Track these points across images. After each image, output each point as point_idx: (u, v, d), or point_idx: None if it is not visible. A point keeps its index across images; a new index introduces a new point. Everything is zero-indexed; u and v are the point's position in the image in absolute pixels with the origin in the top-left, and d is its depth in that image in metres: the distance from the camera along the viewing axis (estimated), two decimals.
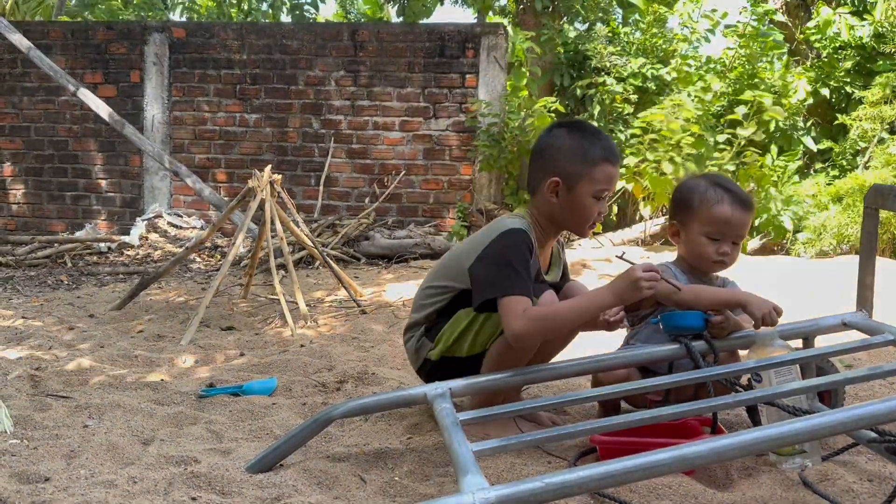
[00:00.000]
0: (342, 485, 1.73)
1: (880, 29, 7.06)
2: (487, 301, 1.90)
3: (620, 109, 6.84)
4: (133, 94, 6.96)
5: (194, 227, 6.68)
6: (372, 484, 1.74)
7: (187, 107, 6.93)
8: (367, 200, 6.74)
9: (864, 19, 7.16)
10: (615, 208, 6.89)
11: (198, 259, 5.93)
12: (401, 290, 4.50)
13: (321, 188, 6.74)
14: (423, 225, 6.61)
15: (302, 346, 3.16)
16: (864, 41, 6.93)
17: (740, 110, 6.32)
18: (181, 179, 5.84)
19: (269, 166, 4.02)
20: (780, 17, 7.75)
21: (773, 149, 6.48)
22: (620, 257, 2.09)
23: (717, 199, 2.06)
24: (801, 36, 7.72)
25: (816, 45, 7.46)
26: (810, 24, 7.50)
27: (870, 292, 1.99)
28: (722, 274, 2.20)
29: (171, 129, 6.95)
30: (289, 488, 1.69)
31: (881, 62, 7.07)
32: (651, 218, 6.29)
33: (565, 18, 7.90)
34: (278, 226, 3.81)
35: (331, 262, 4.03)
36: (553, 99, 6.41)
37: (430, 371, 2.08)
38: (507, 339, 1.90)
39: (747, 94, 6.32)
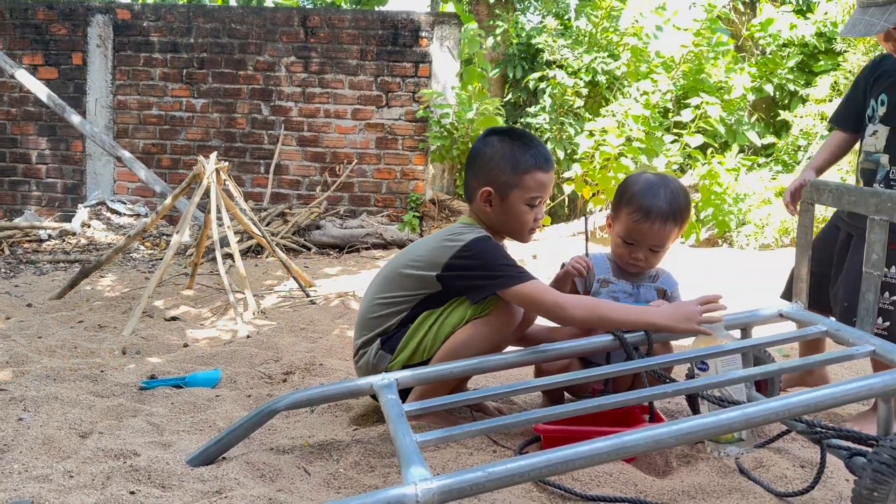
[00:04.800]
0: (286, 477, 1.72)
1: (822, 28, 7.27)
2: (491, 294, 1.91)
3: (571, 102, 6.90)
4: (75, 77, 6.75)
5: (138, 215, 6.52)
6: (316, 476, 1.73)
7: (132, 91, 6.75)
8: (318, 189, 6.67)
9: (807, 18, 7.36)
10: (566, 200, 6.96)
11: (142, 247, 5.79)
12: (352, 280, 4.47)
13: (271, 176, 6.65)
14: (376, 214, 6.58)
15: (248, 336, 3.12)
16: (806, 40, 7.13)
17: (686, 113, 6.46)
18: (125, 165, 5.69)
19: (216, 153, 3.95)
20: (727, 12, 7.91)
21: (734, 148, 6.63)
22: (586, 219, 2.19)
23: (639, 209, 2.04)
24: (747, 33, 7.90)
25: (761, 42, 7.65)
26: (755, 21, 7.67)
27: (805, 284, 2.05)
28: (660, 265, 2.23)
29: (114, 114, 6.76)
30: (231, 481, 1.67)
31: (822, 61, 7.28)
32: (601, 210, 6.38)
33: (518, 10, 7.92)
34: (224, 214, 3.75)
35: (279, 251, 3.97)
36: (500, 101, 6.43)
37: None
38: (479, 326, 1.92)
39: (693, 100, 6.45)
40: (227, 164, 3.83)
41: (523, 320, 2.07)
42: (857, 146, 2.25)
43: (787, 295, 2.28)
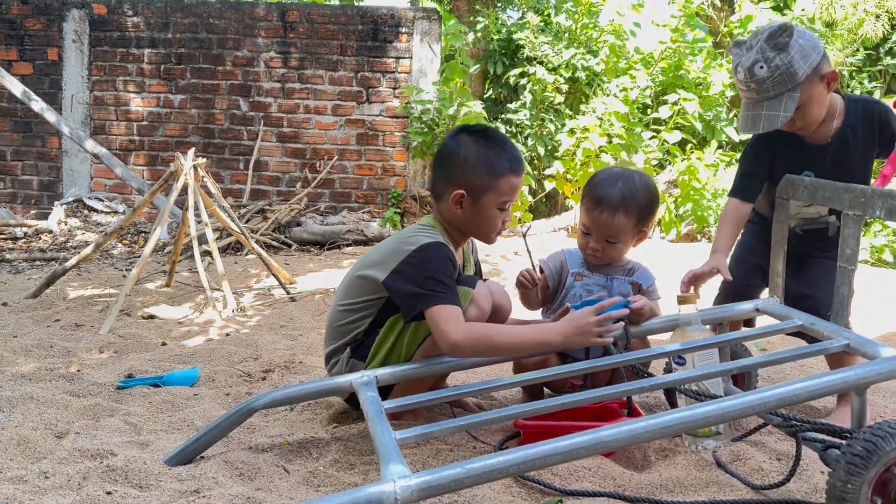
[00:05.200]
0: (264, 476, 1.71)
1: (800, 25, 7.34)
2: (418, 315, 1.86)
3: (552, 98, 6.92)
4: (51, 73, 6.66)
5: (116, 212, 6.45)
6: (295, 474, 1.72)
7: (108, 86, 6.67)
8: (298, 185, 6.64)
9: (785, 14, 7.43)
10: (545, 198, 6.98)
11: (120, 245, 5.73)
12: (332, 277, 4.46)
13: (250, 172, 6.61)
14: (357, 211, 6.56)
15: (227, 334, 3.10)
16: None
17: (664, 110, 6.50)
18: (102, 162, 5.62)
19: (193, 149, 3.91)
20: (706, 9, 7.97)
21: (713, 143, 6.67)
22: (524, 234, 2.17)
23: (592, 198, 2.09)
24: (726, 30, 7.96)
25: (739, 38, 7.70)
26: (733, 18, 7.73)
27: (781, 279, 2.07)
28: (636, 259, 2.25)
29: (91, 110, 6.68)
30: (209, 480, 1.66)
31: None
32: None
33: (499, 6, 7.92)
34: (202, 211, 3.72)
35: (258, 247, 3.95)
36: (481, 103, 6.43)
37: None
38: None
39: (671, 97, 6.49)
40: (204, 160, 3.80)
41: (497, 315, 2.07)
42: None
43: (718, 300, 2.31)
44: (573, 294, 2.16)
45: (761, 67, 1.97)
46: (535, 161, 6.79)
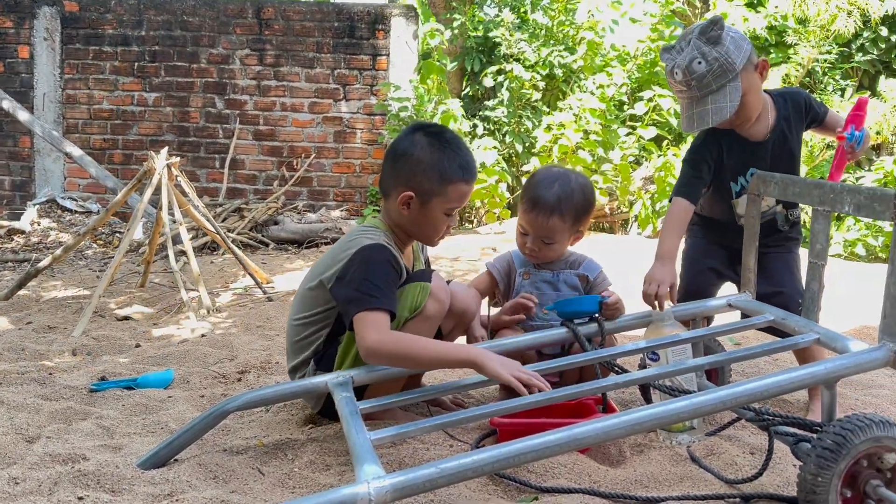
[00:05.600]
0: (239, 478, 1.70)
1: (773, 22, 7.41)
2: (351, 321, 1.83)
3: (529, 96, 6.93)
4: (21, 71, 6.56)
5: (90, 212, 6.37)
6: (270, 476, 1.71)
7: (81, 85, 6.59)
8: (275, 184, 6.60)
9: (758, 11, 7.49)
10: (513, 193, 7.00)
11: (94, 245, 5.66)
12: None
13: (226, 171, 6.55)
14: (335, 209, 6.53)
15: (203, 335, 3.07)
16: (757, 33, 7.26)
17: (640, 107, 6.54)
18: (75, 162, 5.55)
19: (166, 148, 3.87)
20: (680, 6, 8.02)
21: (689, 140, 6.71)
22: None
23: (528, 199, 2.10)
24: None
25: None
26: (708, 15, 7.79)
27: (752, 275, 2.09)
28: (579, 251, 2.27)
29: (63, 109, 6.59)
30: (182, 484, 1.64)
31: (773, 54, 7.43)
32: None
33: (476, 3, 7.92)
34: (177, 210, 3.68)
35: (233, 247, 3.92)
36: (459, 100, 6.42)
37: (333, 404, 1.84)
38: (418, 323, 1.89)
39: (647, 93, 6.53)
40: (178, 159, 3.76)
41: (464, 318, 2.07)
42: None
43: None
44: (525, 292, 2.18)
45: (699, 63, 1.97)
46: (514, 158, 6.80)
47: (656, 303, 1.96)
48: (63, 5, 6.54)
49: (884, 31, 7.40)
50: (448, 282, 2.06)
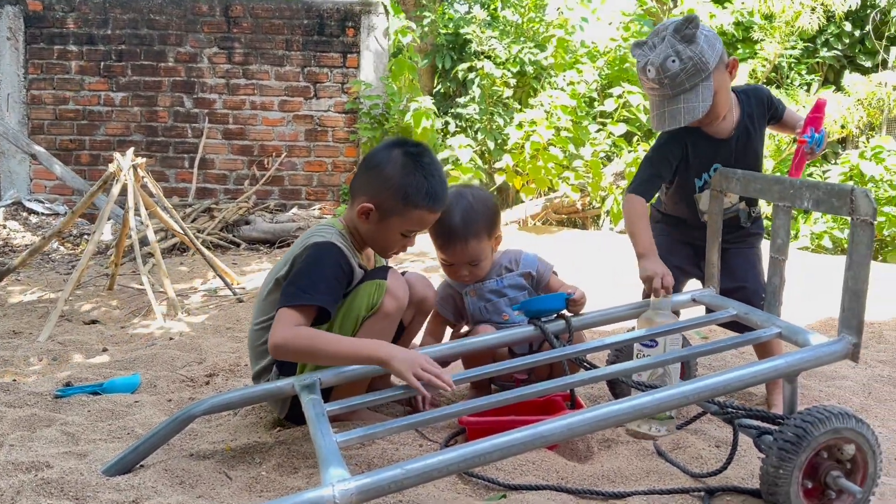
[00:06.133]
0: (206, 483, 1.68)
1: (740, 18, 7.50)
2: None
3: (500, 93, 6.94)
4: None
5: (57, 214, 6.26)
6: (238, 480, 1.70)
7: (46, 85, 6.47)
8: (246, 183, 6.54)
9: (725, 7, 7.58)
10: (496, 191, 7.01)
11: (61, 248, 5.57)
12: None
13: (195, 171, 6.48)
14: (307, 208, 6.49)
15: (171, 339, 3.04)
16: (724, 29, 7.34)
17: (609, 103, 6.58)
18: (41, 163, 5.46)
19: (132, 149, 3.82)
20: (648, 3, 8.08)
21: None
22: None
23: (437, 234, 2.11)
24: None
25: None
26: (675, 11, 7.86)
27: (716, 270, 2.12)
28: (517, 247, 2.30)
29: (28, 109, 6.47)
30: (148, 490, 1.62)
31: (740, 49, 7.52)
32: (532, 199, 6.46)
33: (446, 0, 7.91)
34: (143, 212, 3.63)
35: (202, 248, 3.88)
36: (431, 98, 6.41)
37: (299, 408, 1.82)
38: (378, 321, 1.90)
39: (616, 90, 6.57)
40: (144, 160, 3.72)
41: (423, 306, 2.09)
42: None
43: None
44: (481, 308, 2.20)
45: (673, 61, 1.95)
46: (486, 155, 6.81)
47: (662, 291, 1.96)
48: (26, 4, 6.41)
49: (847, 27, 7.53)
50: (403, 273, 2.07)
